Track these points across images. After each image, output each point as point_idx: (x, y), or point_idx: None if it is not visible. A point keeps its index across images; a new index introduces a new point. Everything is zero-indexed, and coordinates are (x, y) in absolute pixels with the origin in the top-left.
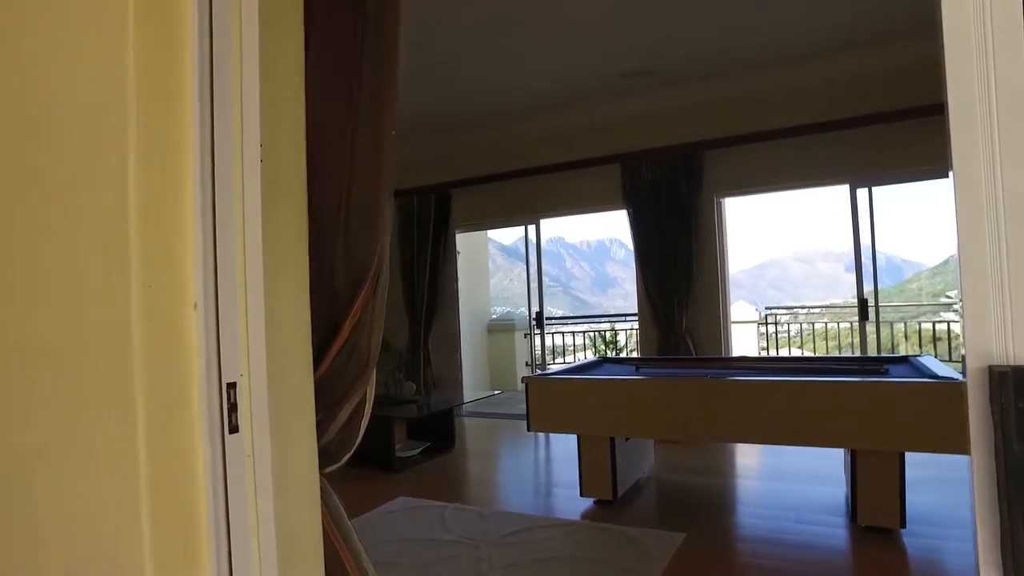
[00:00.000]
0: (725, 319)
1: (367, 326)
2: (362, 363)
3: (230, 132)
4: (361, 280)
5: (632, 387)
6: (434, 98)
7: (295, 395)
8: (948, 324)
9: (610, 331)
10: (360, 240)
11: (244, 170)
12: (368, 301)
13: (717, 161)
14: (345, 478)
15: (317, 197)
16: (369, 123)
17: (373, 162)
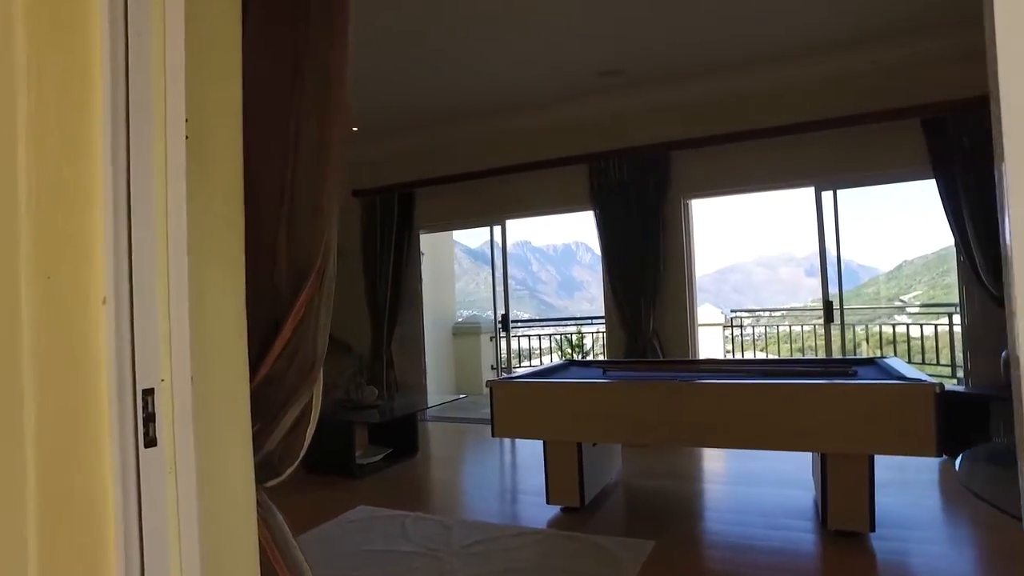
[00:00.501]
0: (692, 322)
1: (312, 325)
2: (307, 366)
3: (149, 103)
4: (305, 275)
5: (599, 391)
6: (398, 95)
7: (228, 402)
8: (895, 328)
9: (577, 334)
10: (305, 231)
11: (168, 148)
12: (313, 298)
13: (684, 162)
14: (303, 486)
15: (256, 183)
16: (316, 102)
17: (320, 146)
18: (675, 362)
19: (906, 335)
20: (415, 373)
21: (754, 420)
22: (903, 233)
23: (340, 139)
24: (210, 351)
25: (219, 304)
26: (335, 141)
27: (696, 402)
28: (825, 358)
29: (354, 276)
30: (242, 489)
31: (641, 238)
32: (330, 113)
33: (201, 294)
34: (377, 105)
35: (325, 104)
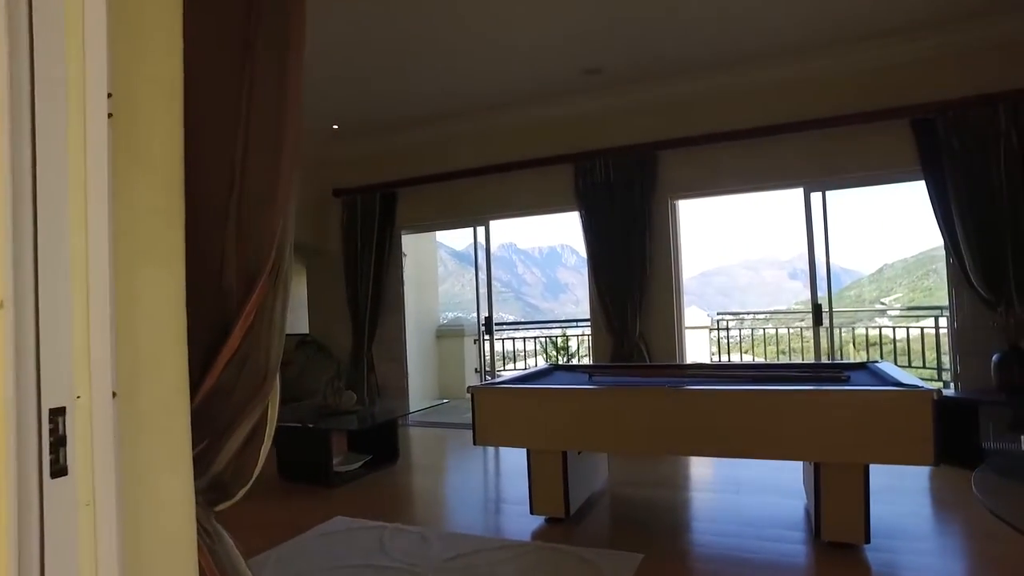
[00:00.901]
0: (679, 324)
1: (264, 331)
2: (258, 376)
3: (60, 73)
4: (256, 276)
5: (585, 397)
6: (380, 94)
7: (162, 420)
8: (882, 330)
9: (562, 337)
10: (257, 225)
11: (87, 128)
12: (265, 301)
13: (671, 162)
14: (278, 495)
15: (200, 170)
16: (269, 81)
17: (275, 131)
18: (662, 367)
19: (891, 337)
20: (397, 377)
21: (745, 428)
22: (883, 237)
23: (297, 119)
24: (141, 363)
25: (153, 309)
26: (291, 122)
27: (685, 409)
28: (816, 362)
29: (335, 278)
30: (179, 520)
31: (627, 239)
32: (287, 88)
33: (131, 298)
34: (359, 103)
35: (281, 80)
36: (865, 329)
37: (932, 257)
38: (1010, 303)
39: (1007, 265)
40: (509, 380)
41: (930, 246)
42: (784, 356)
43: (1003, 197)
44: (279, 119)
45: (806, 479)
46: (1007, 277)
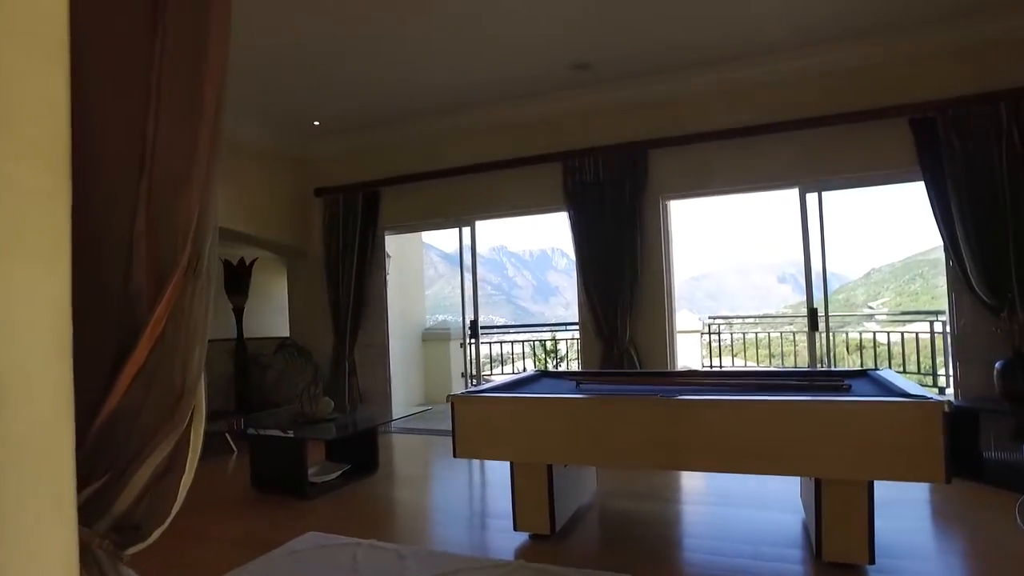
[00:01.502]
0: (671, 329)
1: (180, 340)
2: (171, 395)
3: None
4: (168, 273)
5: (573, 407)
6: (363, 89)
7: (39, 450)
8: (876, 335)
9: (551, 340)
10: (170, 213)
11: None
12: (179, 303)
13: (663, 161)
14: (249, 507)
15: (101, 146)
16: (186, 43)
17: (193, 100)
18: (654, 374)
19: (881, 342)
20: (379, 382)
21: (742, 441)
22: (871, 240)
23: (218, 87)
24: (11, 380)
25: (29, 315)
26: (211, 89)
27: (679, 421)
28: (813, 369)
29: (316, 280)
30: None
31: (617, 241)
32: (206, 50)
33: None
34: (340, 99)
35: (199, 41)
36: (859, 334)
37: (920, 262)
38: (1014, 308)
39: (1010, 269)
40: (492, 388)
41: (919, 249)
42: (775, 361)
43: (1005, 197)
44: (197, 87)
45: (804, 493)
46: (1010, 281)
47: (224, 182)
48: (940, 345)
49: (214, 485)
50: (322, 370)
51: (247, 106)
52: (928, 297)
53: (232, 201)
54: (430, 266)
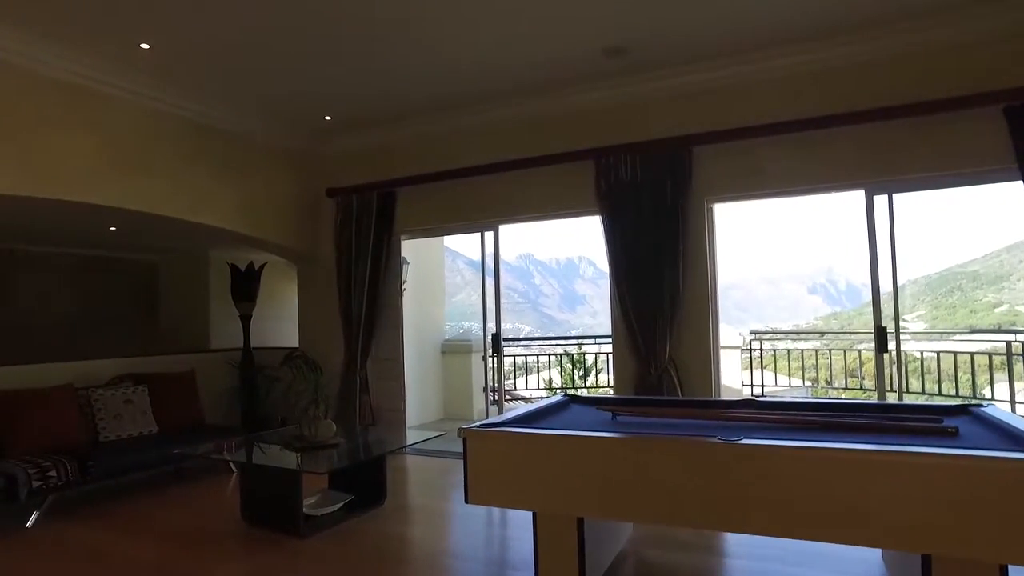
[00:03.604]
0: (715, 347)
1: None
2: None
3: None
4: None
5: (609, 449)
6: (377, 82)
7: None
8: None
9: (578, 353)
10: None
11: None
12: None
13: (709, 160)
14: (235, 545)
15: None
16: None
17: None
18: (700, 403)
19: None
20: (393, 399)
21: (825, 502)
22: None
23: None
24: None
25: None
26: None
27: (741, 471)
28: (899, 403)
29: (328, 287)
30: None
31: (657, 248)
32: None
33: None
34: (354, 93)
35: None
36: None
37: (958, 274)
38: None
39: None
40: (512, 420)
41: (956, 261)
42: (825, 383)
43: None
44: None
45: (893, 561)
46: None
47: (229, 181)
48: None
49: (204, 513)
50: (331, 385)
51: (253, 98)
52: (966, 311)
53: (238, 201)
54: (456, 274)
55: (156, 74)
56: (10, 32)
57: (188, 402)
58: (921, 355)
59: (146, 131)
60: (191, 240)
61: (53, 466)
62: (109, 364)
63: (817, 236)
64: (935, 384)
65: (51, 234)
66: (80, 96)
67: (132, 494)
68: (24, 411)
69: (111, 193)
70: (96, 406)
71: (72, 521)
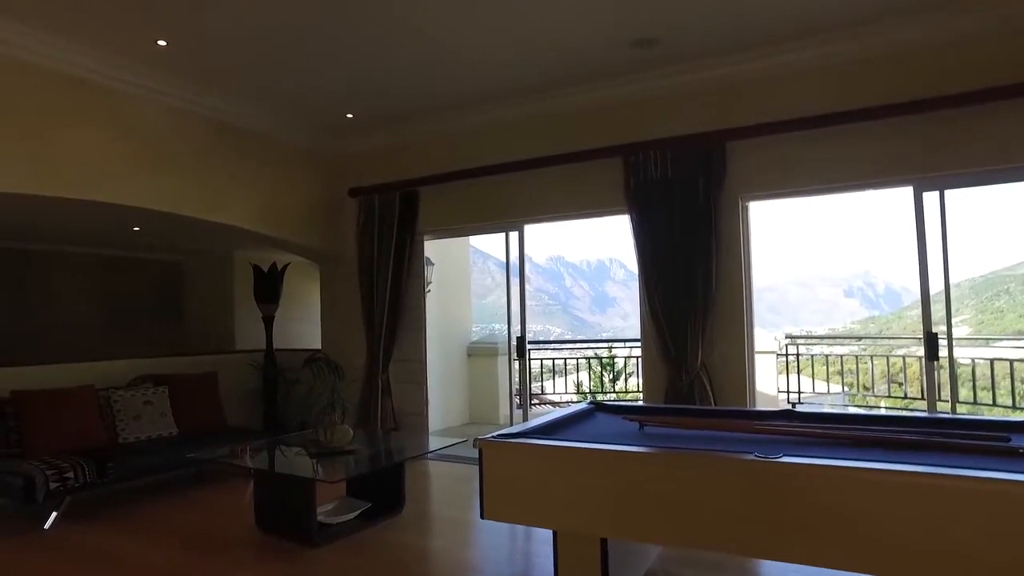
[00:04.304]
0: (749, 352)
1: None
2: None
3: None
4: None
5: (635, 464)
6: (399, 79)
7: None
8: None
9: (608, 357)
10: None
11: None
12: None
13: (744, 155)
14: (249, 553)
15: None
16: None
17: None
18: (735, 413)
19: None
20: (416, 403)
21: (878, 530)
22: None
23: None
24: None
25: None
26: None
27: (783, 492)
28: (954, 416)
29: (351, 288)
30: None
31: (688, 248)
32: None
33: None
34: (375, 90)
35: None
36: (971, 360)
37: (1005, 276)
38: None
39: None
40: (532, 430)
41: (1004, 264)
42: (865, 389)
43: None
44: None
45: None
46: None
47: (250, 180)
48: None
49: (220, 519)
50: (353, 388)
51: (272, 95)
52: (1015, 315)
53: (258, 201)
54: (487, 275)
55: (173, 72)
56: (27, 29)
57: (209, 404)
58: (972, 363)
59: (165, 129)
60: (214, 240)
61: (71, 467)
62: (130, 364)
63: (854, 236)
64: (986, 393)
65: (78, 235)
66: (98, 94)
67: (150, 496)
68: (45, 411)
69: (129, 192)
70: (116, 407)
71: (89, 523)
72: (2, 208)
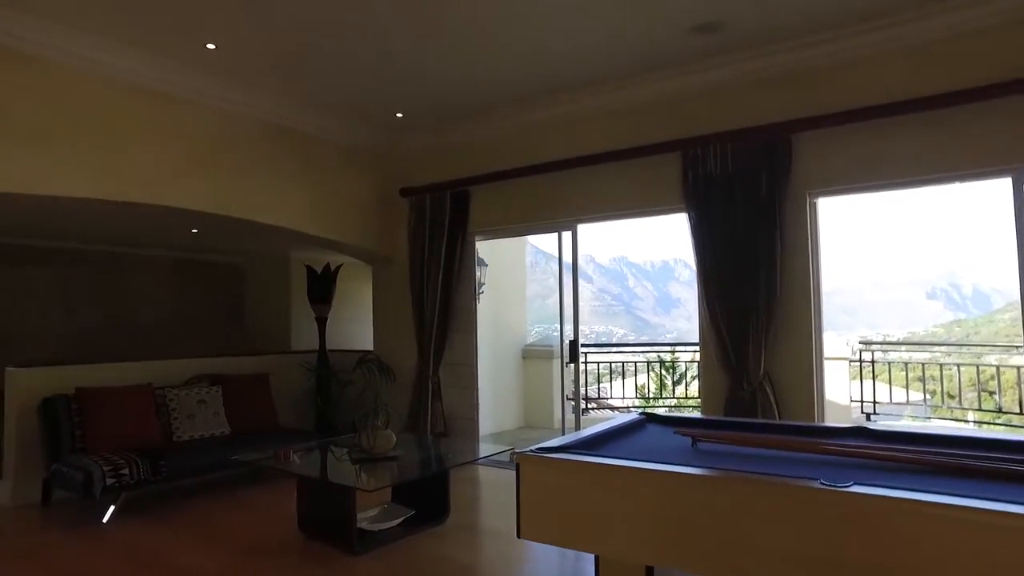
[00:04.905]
0: (817, 360)
1: None
2: None
3: None
4: None
5: (683, 486)
6: (449, 75)
7: None
8: None
9: (670, 361)
10: None
11: None
12: None
13: (812, 147)
14: (290, 558)
15: None
16: None
17: None
18: (800, 429)
19: None
20: (466, 407)
21: None
22: None
23: None
24: None
25: None
26: None
27: (851, 528)
28: None
29: (401, 289)
30: None
31: (750, 248)
32: None
33: None
34: (425, 89)
35: None
36: None
37: None
38: None
39: None
40: (576, 443)
41: None
42: (972, 407)
43: None
44: None
45: None
46: None
47: (301, 181)
48: None
49: (266, 521)
50: (402, 391)
51: (322, 96)
52: None
53: (311, 202)
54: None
55: (224, 75)
56: (88, 39)
57: (261, 404)
58: None
59: (217, 133)
60: (271, 242)
61: (127, 464)
62: (188, 364)
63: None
64: None
65: (148, 238)
66: (153, 100)
67: (200, 495)
68: (105, 408)
69: (184, 195)
70: (171, 405)
71: (140, 520)
72: (79, 213)
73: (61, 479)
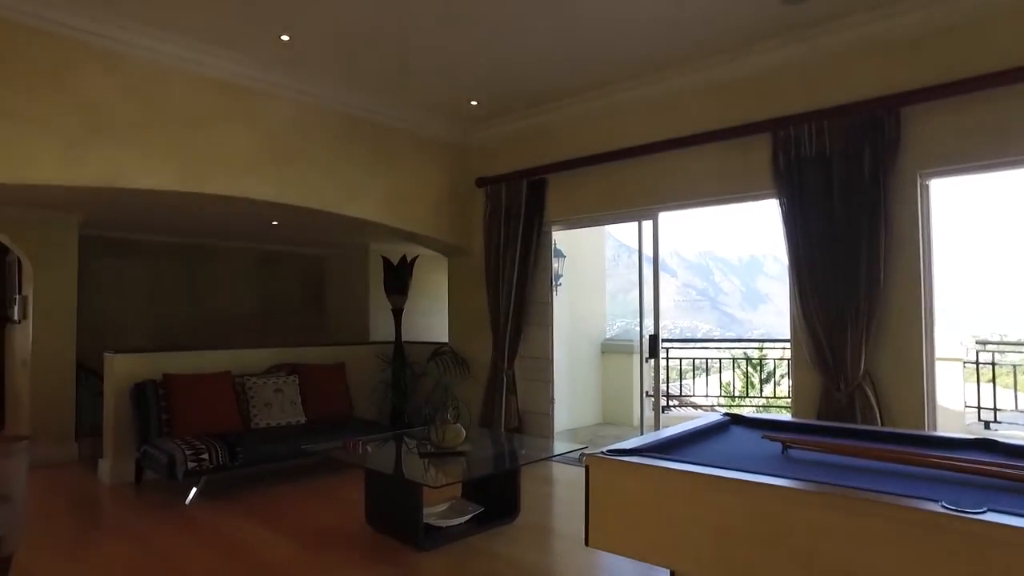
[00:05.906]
0: (928, 360)
1: None
2: None
3: None
4: None
5: (775, 500)
6: (524, 59)
7: None
8: None
9: (757, 358)
10: None
11: None
12: None
13: (925, 121)
14: (357, 550)
15: None
16: None
17: None
18: (909, 438)
19: None
20: (541, 401)
21: None
22: None
23: None
24: None
25: None
26: None
27: (987, 564)
28: None
29: (477, 280)
30: None
31: (850, 235)
32: None
33: None
34: (501, 75)
35: None
36: None
37: None
38: None
39: None
40: (651, 445)
41: None
42: None
43: None
44: None
45: None
46: None
47: (378, 172)
48: None
49: (337, 511)
50: (477, 385)
51: (398, 86)
52: None
53: (387, 193)
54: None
55: (300, 66)
56: (172, 37)
57: (337, 394)
58: None
59: (294, 125)
60: (350, 234)
61: (207, 448)
62: (267, 353)
63: None
64: None
65: (234, 231)
66: (231, 93)
67: (275, 482)
68: (189, 394)
69: (266, 188)
70: (250, 393)
71: (217, 504)
72: (166, 205)
73: (149, 461)
